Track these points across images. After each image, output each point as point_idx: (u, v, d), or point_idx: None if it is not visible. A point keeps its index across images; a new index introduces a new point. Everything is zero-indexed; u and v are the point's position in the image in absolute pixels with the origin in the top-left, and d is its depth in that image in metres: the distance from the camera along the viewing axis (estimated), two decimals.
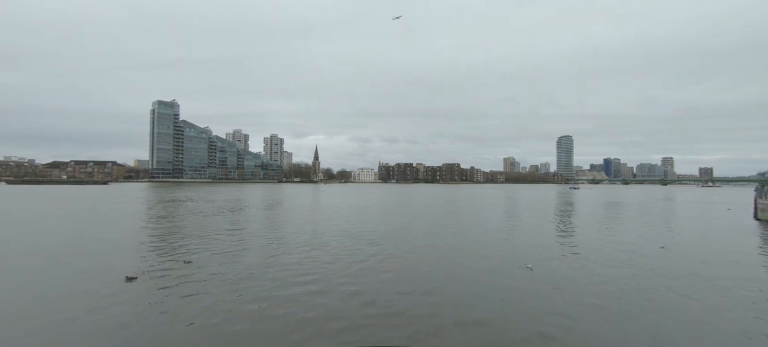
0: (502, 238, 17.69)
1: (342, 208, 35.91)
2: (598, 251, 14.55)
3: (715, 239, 18.12)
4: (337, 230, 19.94)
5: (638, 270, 11.62)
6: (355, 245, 15.33)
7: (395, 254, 13.40)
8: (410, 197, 61.70)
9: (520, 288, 9.52)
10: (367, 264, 12.05)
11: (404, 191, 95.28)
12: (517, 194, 73.20)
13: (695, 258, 13.51)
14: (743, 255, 14.26)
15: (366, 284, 9.73)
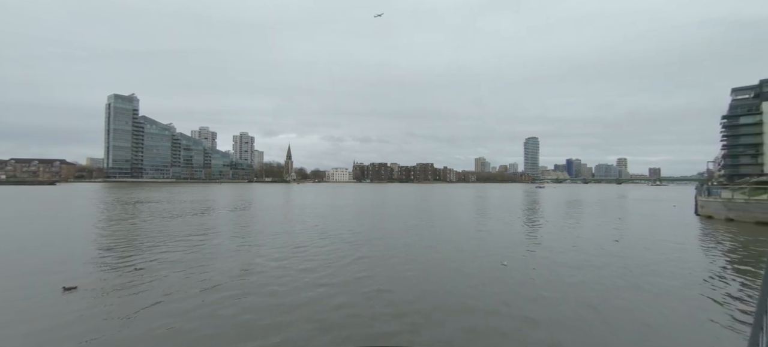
0: (477, 237, 18.30)
1: (317, 208, 35.43)
2: (563, 247, 15.54)
3: (662, 233, 19.95)
4: (313, 231, 19.68)
5: (596, 261, 12.59)
6: (333, 246, 15.23)
7: (374, 255, 13.40)
8: (386, 196, 62.04)
9: (496, 283, 9.97)
10: (346, 265, 12.00)
11: (379, 190, 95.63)
12: (488, 194, 75.89)
13: (644, 250, 14.81)
14: (685, 247, 15.85)
15: (345, 286, 9.69)
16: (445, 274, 10.78)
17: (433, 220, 25.84)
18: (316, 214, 28.91)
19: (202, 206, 36.28)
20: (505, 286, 9.60)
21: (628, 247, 15.52)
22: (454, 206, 40.63)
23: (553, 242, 16.73)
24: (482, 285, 9.66)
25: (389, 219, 26.15)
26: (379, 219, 26.04)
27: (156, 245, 14.95)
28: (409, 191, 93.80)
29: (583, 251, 14.53)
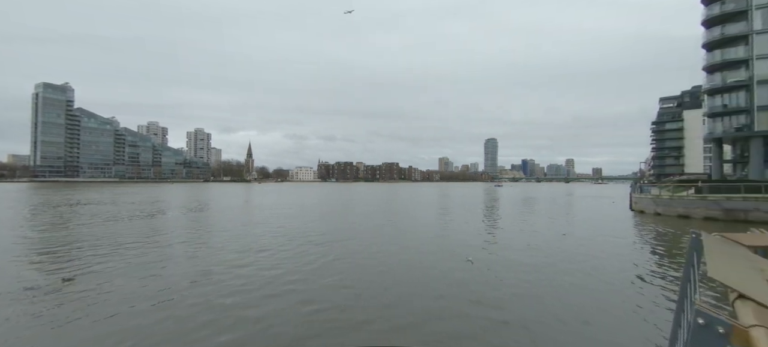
0: (443, 234, 18.93)
1: (282, 209, 34.33)
2: (520, 243, 16.66)
3: (602, 227, 22.28)
4: (278, 233, 19.05)
5: (547, 253, 13.70)
6: (301, 248, 14.88)
7: (344, 257, 13.22)
8: (352, 196, 61.76)
9: (464, 278, 10.44)
10: (316, 269, 11.80)
11: (345, 190, 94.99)
12: (451, 193, 78.61)
13: (588, 242, 16.37)
14: (622, 239, 17.78)
15: (314, 291, 9.52)
16: (416, 274, 11.01)
17: (401, 219, 26.30)
18: (280, 215, 28.02)
19: (151, 207, 33.48)
20: (472, 283, 10.07)
21: (575, 240, 17.03)
22: (420, 205, 41.61)
23: (512, 238, 17.87)
24: (450, 284, 10.05)
25: (357, 219, 26.14)
26: (346, 219, 25.93)
27: (96, 248, 13.58)
28: (375, 190, 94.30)
29: (537, 246, 15.67)
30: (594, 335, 6.86)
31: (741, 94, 35.66)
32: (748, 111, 35.01)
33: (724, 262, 1.27)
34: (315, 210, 32.68)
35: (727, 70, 36.77)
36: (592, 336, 6.80)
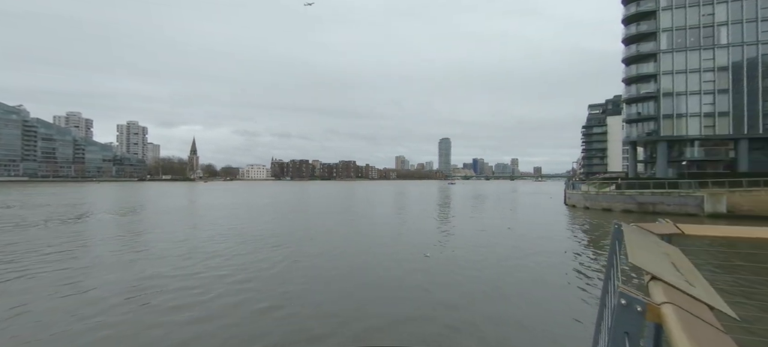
0: (401, 231, 19.40)
1: (232, 209, 32.33)
2: (471, 234, 17.69)
3: (541, 220, 24.66)
4: (229, 235, 17.93)
5: (494, 244, 14.79)
6: (255, 251, 14.19)
7: (302, 258, 12.91)
8: (308, 195, 60.22)
9: (422, 272, 10.84)
10: (272, 271, 11.37)
11: (301, 188, 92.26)
12: (408, 190, 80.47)
13: (529, 233, 17.97)
14: (556, 230, 19.77)
15: (271, 296, 9.10)
16: (377, 272, 11.17)
17: (359, 217, 26.34)
18: (231, 216, 26.39)
19: (73, 210, 29.35)
20: (428, 277, 10.49)
21: (519, 233, 18.58)
22: (378, 203, 42.03)
23: (464, 231, 18.94)
24: (411, 280, 10.37)
25: (314, 219, 25.63)
26: (303, 219, 25.28)
27: (7, 265, 11.61)
28: (332, 189, 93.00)
29: (486, 239, 16.83)
30: (537, 315, 7.63)
31: (651, 103, 41.62)
32: (656, 118, 41.01)
33: (640, 249, 1.47)
34: (269, 210, 31.34)
35: (641, 83, 42.67)
36: (536, 316, 7.56)
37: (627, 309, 0.92)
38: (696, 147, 39.87)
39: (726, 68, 37.87)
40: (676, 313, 0.81)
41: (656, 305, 0.88)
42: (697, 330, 0.73)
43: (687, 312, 0.83)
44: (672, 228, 2.33)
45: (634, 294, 0.92)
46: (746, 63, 37.21)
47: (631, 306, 0.91)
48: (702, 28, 38.66)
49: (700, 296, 0.97)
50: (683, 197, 28.08)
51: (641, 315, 0.90)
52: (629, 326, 0.93)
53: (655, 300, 0.91)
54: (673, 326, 0.76)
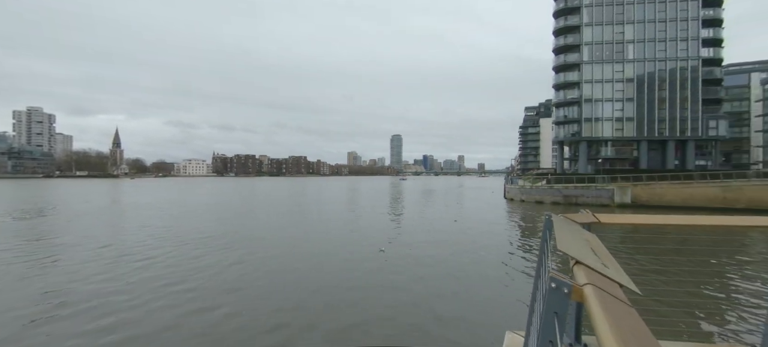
0: (355, 228, 19.40)
1: (168, 208, 29.33)
2: (421, 228, 18.34)
3: (484, 212, 26.63)
4: (165, 237, 16.29)
5: (442, 236, 15.63)
6: (197, 253, 13.08)
7: (250, 260, 12.30)
8: (255, 192, 57.04)
9: (378, 267, 11.01)
10: (219, 276, 10.60)
11: (247, 185, 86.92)
12: (360, 186, 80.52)
13: (474, 225, 19.28)
14: (497, 222, 21.50)
15: (218, 302, 8.57)
16: (333, 271, 11.07)
17: (311, 214, 25.75)
18: (167, 216, 23.97)
19: None
20: (385, 273, 10.69)
21: (464, 225, 19.85)
22: (331, 199, 41.43)
23: (415, 226, 19.60)
24: (368, 275, 10.46)
25: (263, 217, 24.43)
26: (250, 218, 23.96)
27: None
28: (281, 185, 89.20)
29: (435, 231, 17.68)
30: (480, 299, 8.29)
31: (575, 108, 47.14)
32: (579, 121, 46.58)
33: (566, 237, 1.66)
34: (211, 209, 29.10)
35: (567, 89, 48.07)
36: (479, 300, 8.22)
37: (556, 292, 1.04)
38: (609, 147, 46.20)
39: (632, 80, 44.40)
40: (595, 292, 0.92)
41: (579, 286, 0.99)
42: (611, 306, 0.85)
43: (603, 290, 0.94)
44: (591, 218, 2.74)
45: (562, 278, 1.04)
46: (647, 76, 44.03)
47: (560, 288, 1.03)
48: (615, 44, 44.76)
49: (612, 275, 1.14)
50: (599, 190, 32.44)
51: (567, 296, 1.02)
52: (558, 306, 1.05)
53: (578, 282, 1.03)
54: (592, 304, 0.86)
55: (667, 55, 43.49)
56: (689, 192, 29.78)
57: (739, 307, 7.69)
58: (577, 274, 1.11)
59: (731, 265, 10.83)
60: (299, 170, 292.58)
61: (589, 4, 44.98)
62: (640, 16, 43.80)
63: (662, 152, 43.98)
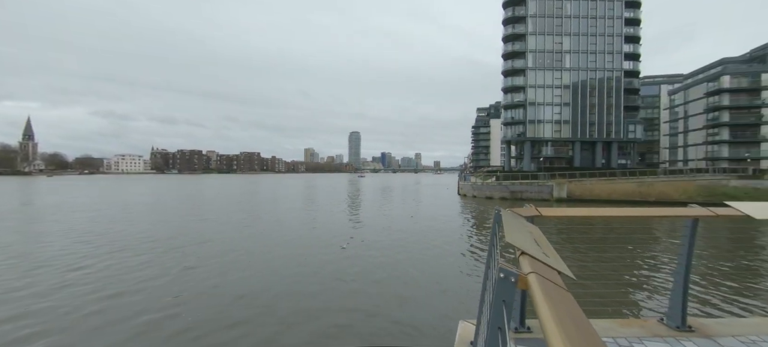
0: (315, 225, 18.97)
1: (99, 210, 26.02)
2: (374, 223, 18.49)
3: (439, 208, 27.71)
4: (99, 241, 14.44)
5: (399, 232, 15.93)
6: (138, 258, 11.79)
7: (200, 264, 11.41)
8: (202, 189, 52.94)
9: (338, 262, 10.85)
10: (162, 281, 9.66)
11: (192, 183, 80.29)
12: (318, 183, 78.78)
13: (429, 221, 19.97)
14: (451, 217, 22.47)
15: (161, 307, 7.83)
16: (293, 270, 10.68)
17: (266, 213, 24.62)
18: (98, 219, 21.28)
19: None
20: (344, 269, 10.58)
21: (420, 221, 20.45)
22: (286, 197, 39.97)
23: (373, 222, 19.72)
24: (327, 273, 10.26)
25: (212, 217, 22.79)
26: (196, 219, 22.21)
27: None
28: (231, 182, 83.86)
29: (388, 229, 17.96)
30: (436, 288, 8.62)
31: (521, 110, 50.95)
32: (523, 123, 50.44)
33: (513, 230, 1.79)
34: (151, 210, 26.45)
35: (514, 93, 51.76)
36: (435, 289, 8.55)
37: (504, 280, 1.11)
38: (549, 147, 50.71)
39: (568, 86, 49.15)
40: (538, 280, 0.99)
41: (525, 275, 1.07)
42: (551, 291, 0.92)
43: (544, 278, 1.01)
44: (534, 211, 3.00)
45: (509, 268, 1.11)
46: (581, 84, 49.05)
47: (508, 278, 1.10)
48: (554, 53, 49.14)
49: (552, 264, 1.25)
50: (540, 186, 35.52)
51: (514, 285, 1.09)
52: (506, 295, 1.12)
53: (524, 271, 1.11)
54: (535, 290, 0.93)
55: (597, 66, 48.88)
56: (613, 187, 33.94)
57: (652, 283, 9.00)
58: (523, 264, 1.19)
59: (646, 249, 12.60)
60: (252, 166, 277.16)
61: (533, 15, 48.80)
62: (576, 29, 48.61)
63: (592, 152, 49.42)
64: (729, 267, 10.27)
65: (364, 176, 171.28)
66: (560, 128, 49.47)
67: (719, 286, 8.53)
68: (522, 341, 2.85)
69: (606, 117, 48.86)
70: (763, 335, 3.00)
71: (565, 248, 11.91)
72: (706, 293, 8.11)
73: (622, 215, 3.11)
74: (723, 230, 15.05)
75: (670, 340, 2.93)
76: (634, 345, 2.86)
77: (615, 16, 48.24)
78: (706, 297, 7.89)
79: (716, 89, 47.76)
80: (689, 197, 30.13)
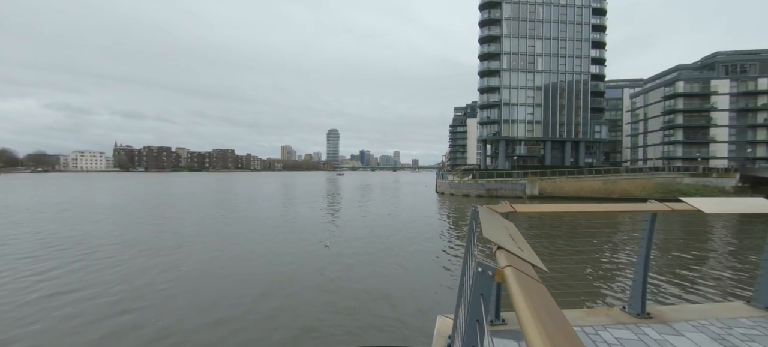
0: (299, 224, 18.64)
1: (59, 210, 24.13)
2: (354, 222, 18.46)
3: (418, 205, 28.04)
4: (66, 245, 13.41)
5: (374, 229, 15.95)
6: (115, 262, 11.04)
7: (193, 268, 10.85)
8: (172, 189, 50.45)
9: (322, 258, 10.63)
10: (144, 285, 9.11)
11: (161, 182, 76.28)
12: (296, 181, 77.29)
13: (408, 217, 20.16)
14: (429, 214, 22.78)
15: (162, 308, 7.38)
16: (280, 273, 10.41)
17: (246, 213, 23.85)
18: (55, 220, 19.75)
19: None
20: (327, 266, 10.45)
21: (398, 218, 20.61)
22: (263, 195, 38.91)
23: (353, 219, 19.63)
24: (309, 272, 10.08)
25: (185, 217, 21.79)
26: (169, 220, 21.15)
27: None
28: (204, 181, 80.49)
29: (373, 225, 17.98)
30: (413, 287, 8.74)
31: (496, 110, 52.50)
32: (498, 122, 52.04)
33: (490, 225, 1.84)
34: (116, 210, 24.90)
35: (490, 93, 53.25)
36: (412, 288, 8.67)
37: (482, 274, 1.13)
38: (522, 146, 52.61)
39: (541, 88, 51.18)
40: (513, 273, 1.02)
41: (501, 268, 1.09)
42: (526, 284, 0.95)
43: (519, 271, 1.05)
44: (509, 208, 3.11)
45: (487, 262, 1.14)
46: (551, 86, 51.20)
47: (485, 271, 1.13)
48: (527, 56, 50.97)
49: (527, 257, 1.30)
50: (514, 183, 36.81)
51: (492, 279, 1.12)
52: (484, 288, 1.14)
53: (500, 265, 1.13)
54: (511, 283, 0.96)
55: (567, 69, 51.22)
56: (580, 185, 35.78)
57: (617, 274, 9.59)
58: (499, 258, 1.22)
59: (610, 242, 13.41)
60: (226, 164, 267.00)
61: (508, 18, 50.34)
62: (547, 33, 50.65)
63: (562, 151, 51.80)
64: (683, 257, 11.15)
65: (343, 175, 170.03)
66: (533, 128, 51.44)
67: (675, 275, 9.24)
68: (497, 333, 2.95)
69: (574, 118, 51.33)
70: (712, 319, 3.28)
71: (538, 242, 12.43)
72: (665, 282, 8.76)
73: (588, 211, 3.30)
74: (677, 223, 16.30)
75: (632, 327, 3.14)
76: (600, 333, 3.04)
77: (583, 22, 50.71)
78: (664, 285, 8.52)
79: (672, 93, 51.48)
80: (648, 193, 32.36)
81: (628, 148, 66.58)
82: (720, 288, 8.35)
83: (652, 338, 2.94)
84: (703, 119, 50.39)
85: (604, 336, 2.98)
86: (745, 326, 3.16)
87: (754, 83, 48.46)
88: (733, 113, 49.23)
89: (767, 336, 2.98)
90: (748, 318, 3.32)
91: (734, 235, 14.98)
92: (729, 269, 10.00)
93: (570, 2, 50.29)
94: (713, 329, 3.09)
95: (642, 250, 3.43)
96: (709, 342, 2.85)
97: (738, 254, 11.55)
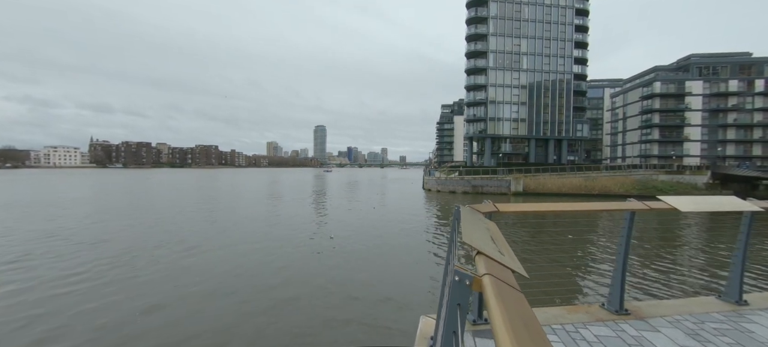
0: (303, 219, 18.38)
1: (40, 207, 22.92)
2: (342, 218, 18.34)
3: (405, 201, 28.17)
4: (50, 246, 12.71)
5: (362, 223, 15.91)
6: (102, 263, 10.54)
7: (199, 264, 10.47)
8: (154, 185, 48.83)
9: (328, 251, 10.43)
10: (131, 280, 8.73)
11: (141, 178, 73.77)
12: (283, 178, 76.21)
13: (395, 214, 20.18)
14: (416, 211, 22.86)
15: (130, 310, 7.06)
16: (283, 268, 10.19)
17: (237, 211, 23.30)
18: (32, 217, 18.76)
19: None
20: (319, 264, 10.30)
21: (385, 213, 20.61)
22: (253, 192, 38.18)
23: (346, 215, 19.50)
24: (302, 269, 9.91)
25: (175, 214, 21.11)
26: (160, 216, 20.45)
27: None
28: (188, 177, 78.33)
29: (358, 220, 17.90)
30: (399, 285, 8.73)
31: (482, 108, 53.14)
32: (485, 120, 52.71)
33: (470, 228, 1.78)
34: (100, 207, 23.88)
35: (476, 91, 53.82)
36: (398, 286, 8.66)
37: (459, 284, 1.07)
38: (507, 143, 53.50)
39: (525, 87, 52.07)
40: (492, 282, 0.97)
41: (479, 277, 1.04)
42: (504, 293, 0.91)
43: (498, 279, 1.00)
44: (492, 207, 3.09)
45: (464, 270, 1.09)
46: (536, 85, 52.18)
47: (463, 280, 1.07)
48: (513, 55, 51.71)
49: (507, 262, 1.25)
50: (499, 180, 37.41)
51: (469, 288, 1.06)
52: (461, 298, 1.09)
53: (479, 273, 1.08)
54: (489, 293, 0.92)
55: (550, 68, 52.28)
56: (563, 182, 36.70)
57: (597, 271, 9.85)
58: (478, 264, 1.18)
59: (591, 239, 13.78)
60: (209, 160, 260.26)
61: (495, 17, 50.87)
62: (532, 32, 51.49)
63: (545, 149, 52.96)
64: (659, 253, 11.58)
65: (330, 171, 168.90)
66: (517, 125, 52.35)
67: (652, 271, 9.58)
68: (480, 333, 2.94)
69: (557, 116, 52.53)
70: (685, 314, 3.38)
71: (520, 240, 12.65)
72: (642, 278, 9.06)
73: (570, 210, 3.33)
74: (654, 220, 16.93)
75: (610, 323, 3.20)
76: (580, 330, 3.08)
77: (566, 23, 51.78)
78: (641, 281, 8.81)
79: (650, 93, 53.35)
80: (626, 190, 33.52)
81: (608, 146, 68.72)
82: (693, 284, 8.71)
83: (630, 335, 3.00)
84: (678, 118, 52.48)
85: (584, 333, 3.02)
86: (717, 320, 3.27)
87: (725, 85, 50.79)
88: (705, 113, 51.49)
89: (737, 330, 3.09)
90: (719, 312, 3.44)
91: (707, 231, 15.70)
92: (701, 264, 10.45)
93: (554, 2, 51.24)
94: (687, 324, 3.18)
95: (621, 248, 3.49)
96: (683, 337, 2.93)
97: (710, 251, 12.10)
